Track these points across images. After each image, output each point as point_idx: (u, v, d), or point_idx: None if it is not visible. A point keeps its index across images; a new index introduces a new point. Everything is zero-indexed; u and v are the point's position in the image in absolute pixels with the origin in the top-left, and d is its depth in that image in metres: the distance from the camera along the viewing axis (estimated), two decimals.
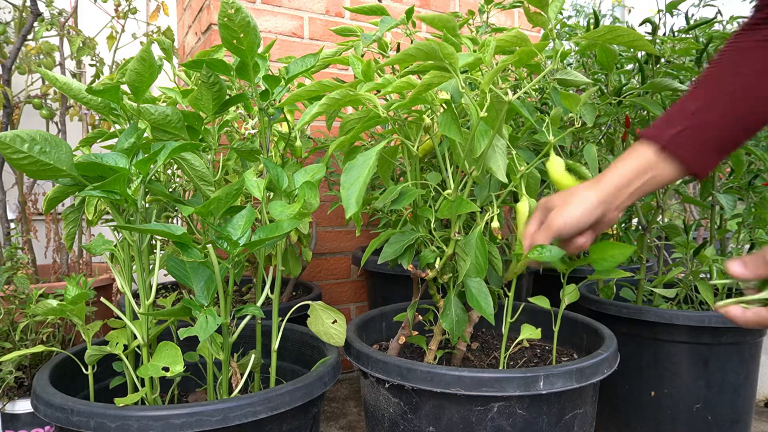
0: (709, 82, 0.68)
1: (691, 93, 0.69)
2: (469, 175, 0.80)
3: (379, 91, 0.78)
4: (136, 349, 0.83)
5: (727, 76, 0.67)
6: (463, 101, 0.76)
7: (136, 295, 0.82)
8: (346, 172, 0.69)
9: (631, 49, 1.29)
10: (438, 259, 0.87)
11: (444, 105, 0.76)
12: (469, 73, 0.83)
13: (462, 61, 0.68)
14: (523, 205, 0.83)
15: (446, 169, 0.84)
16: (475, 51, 0.78)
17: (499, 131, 0.75)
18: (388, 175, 0.96)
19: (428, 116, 0.83)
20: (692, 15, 1.34)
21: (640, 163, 0.70)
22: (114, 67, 1.66)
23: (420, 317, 0.97)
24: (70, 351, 0.89)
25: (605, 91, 1.24)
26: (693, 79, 1.17)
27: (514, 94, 0.71)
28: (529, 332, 0.92)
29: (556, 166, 0.81)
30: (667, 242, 1.33)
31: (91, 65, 1.63)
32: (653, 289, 1.26)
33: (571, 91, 0.84)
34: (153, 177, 0.76)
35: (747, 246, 1.40)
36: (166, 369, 0.72)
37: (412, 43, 1.01)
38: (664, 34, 1.29)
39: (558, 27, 0.72)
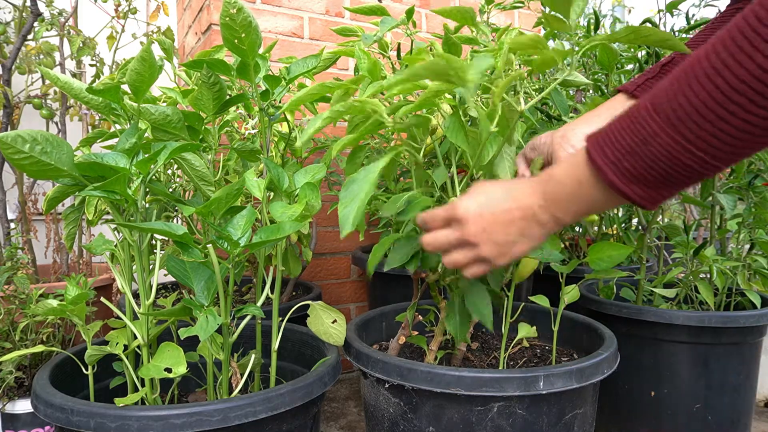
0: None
1: None
2: (474, 178, 0.79)
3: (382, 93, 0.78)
4: (137, 349, 0.83)
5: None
6: (473, 113, 0.75)
7: (136, 295, 0.82)
8: (346, 187, 0.66)
9: (632, 49, 1.29)
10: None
11: (451, 107, 0.75)
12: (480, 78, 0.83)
13: (475, 78, 0.65)
14: None
15: (447, 170, 0.84)
16: (475, 51, 0.78)
17: (508, 139, 0.74)
18: (392, 176, 0.96)
19: (434, 119, 0.82)
20: (693, 15, 1.34)
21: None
22: (114, 67, 1.66)
23: (420, 317, 0.97)
24: (70, 351, 0.89)
25: (605, 91, 1.24)
26: None
27: (526, 103, 0.69)
28: (526, 331, 0.93)
29: None
30: (667, 242, 1.33)
31: (91, 65, 1.63)
32: (653, 289, 1.26)
33: (571, 92, 0.84)
34: (153, 177, 0.76)
35: (747, 246, 1.40)
36: (169, 370, 0.72)
37: (412, 43, 1.01)
38: None
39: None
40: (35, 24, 1.44)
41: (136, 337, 0.80)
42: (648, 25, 1.23)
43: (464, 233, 0.65)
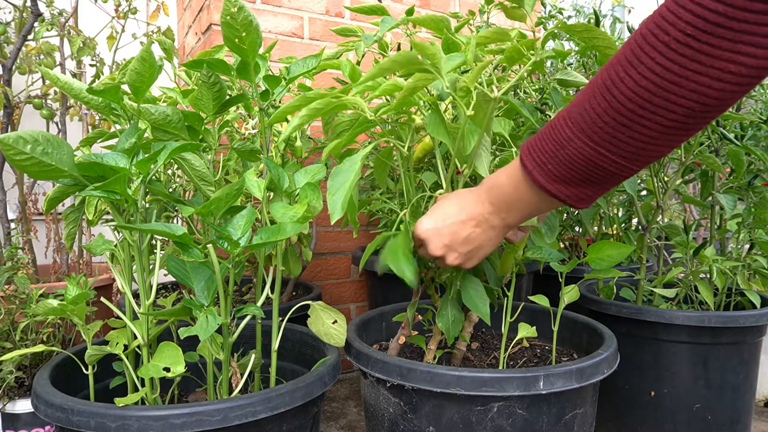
0: None
1: None
2: (463, 174, 0.80)
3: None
4: (137, 349, 0.83)
5: None
6: (449, 101, 0.76)
7: (136, 295, 0.82)
8: (332, 177, 0.69)
9: None
10: None
11: (431, 105, 0.76)
12: (454, 72, 0.83)
13: (448, 66, 0.68)
14: None
15: (445, 170, 0.84)
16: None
17: (486, 129, 0.75)
18: (384, 176, 0.96)
19: (420, 117, 0.83)
20: None
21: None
22: (114, 67, 1.66)
23: (420, 317, 0.97)
24: (70, 351, 0.89)
25: None
26: None
27: (504, 92, 0.71)
28: (526, 331, 0.93)
29: None
30: (667, 242, 1.33)
31: (91, 65, 1.63)
32: (653, 289, 1.26)
33: (571, 92, 0.84)
34: (153, 177, 0.76)
35: (747, 246, 1.40)
36: (167, 369, 0.72)
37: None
38: None
39: (556, 26, 0.71)
40: (35, 24, 1.44)
41: (136, 337, 0.80)
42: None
43: (429, 250, 0.74)
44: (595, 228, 1.68)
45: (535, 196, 0.64)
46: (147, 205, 0.93)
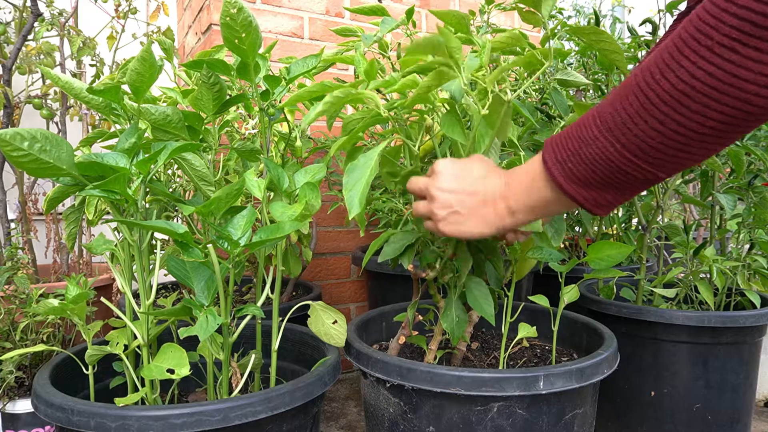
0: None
1: None
2: None
3: (380, 90, 0.78)
4: (137, 349, 0.83)
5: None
6: (464, 101, 0.76)
7: (136, 295, 0.82)
8: (348, 174, 0.69)
9: (631, 50, 1.29)
10: (439, 259, 0.87)
11: (446, 105, 0.76)
12: (471, 73, 0.83)
13: (470, 64, 0.68)
14: None
15: None
16: (474, 50, 0.78)
17: (498, 131, 0.75)
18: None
19: (430, 116, 0.83)
20: None
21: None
22: (114, 67, 1.66)
23: (420, 317, 0.97)
24: (70, 351, 0.89)
25: (605, 91, 1.24)
26: None
27: (513, 94, 0.71)
28: (526, 331, 0.93)
29: None
30: (667, 242, 1.33)
31: (91, 65, 1.63)
32: (653, 289, 1.26)
33: (571, 92, 0.84)
34: (153, 177, 0.76)
35: (747, 246, 1.40)
36: (171, 371, 0.72)
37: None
38: None
39: (556, 26, 0.71)
40: (35, 24, 1.44)
41: (136, 337, 0.80)
42: (648, 26, 1.23)
43: (435, 183, 0.69)
44: (595, 228, 1.68)
45: (551, 194, 0.62)
46: (147, 205, 0.94)
